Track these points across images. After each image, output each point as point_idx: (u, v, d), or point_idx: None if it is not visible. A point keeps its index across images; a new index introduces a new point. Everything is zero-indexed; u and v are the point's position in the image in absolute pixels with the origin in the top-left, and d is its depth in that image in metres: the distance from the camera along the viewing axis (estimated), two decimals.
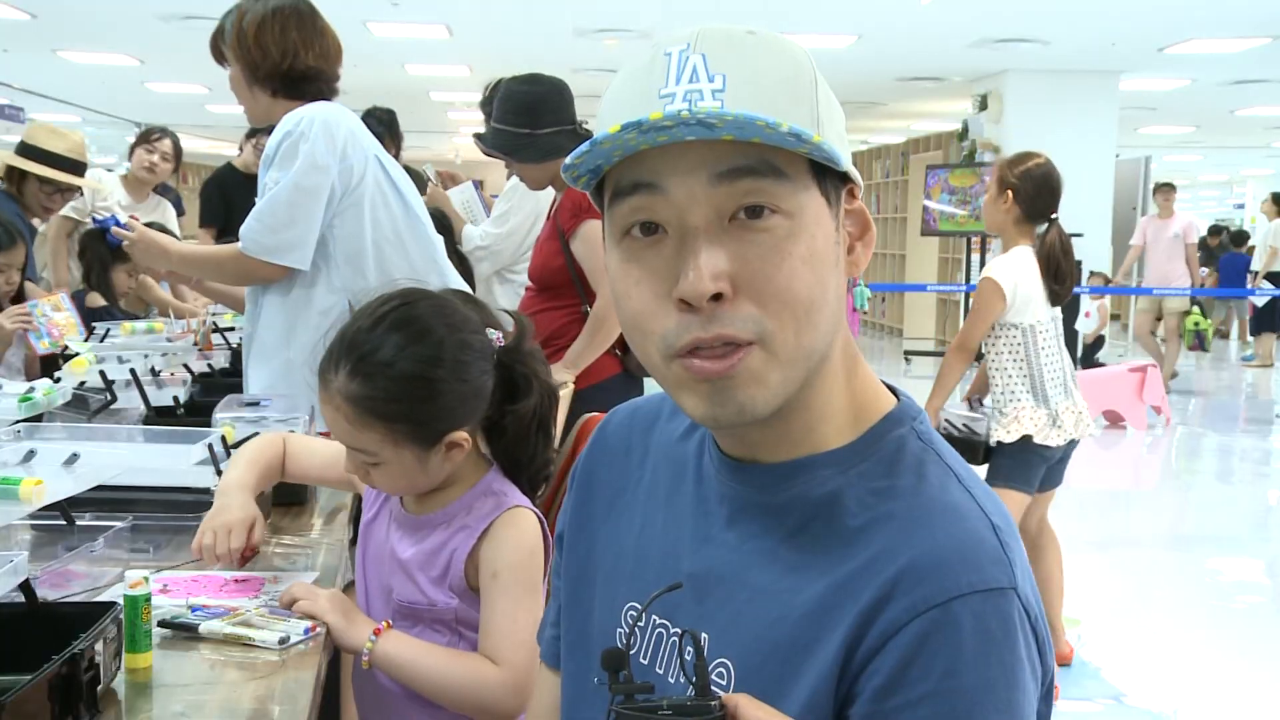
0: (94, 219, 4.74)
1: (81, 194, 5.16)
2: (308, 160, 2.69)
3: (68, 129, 4.76)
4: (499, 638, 1.58)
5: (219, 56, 2.88)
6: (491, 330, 1.67)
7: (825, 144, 0.86)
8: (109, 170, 7.05)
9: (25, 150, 4.50)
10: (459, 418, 1.62)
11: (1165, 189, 11.36)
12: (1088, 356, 11.16)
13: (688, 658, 0.83)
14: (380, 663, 1.58)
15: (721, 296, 0.87)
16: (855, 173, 0.94)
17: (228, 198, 5.61)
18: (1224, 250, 16.97)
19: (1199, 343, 12.00)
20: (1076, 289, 10.40)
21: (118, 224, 3.56)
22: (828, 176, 0.91)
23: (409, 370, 1.57)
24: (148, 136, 5.83)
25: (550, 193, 3.69)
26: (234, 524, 1.71)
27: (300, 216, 2.71)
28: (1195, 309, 11.45)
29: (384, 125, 5.25)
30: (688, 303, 0.87)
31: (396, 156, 5.35)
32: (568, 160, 0.90)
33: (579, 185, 0.94)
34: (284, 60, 2.77)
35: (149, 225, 5.11)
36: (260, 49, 2.77)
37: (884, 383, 1.02)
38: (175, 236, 5.17)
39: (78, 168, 4.57)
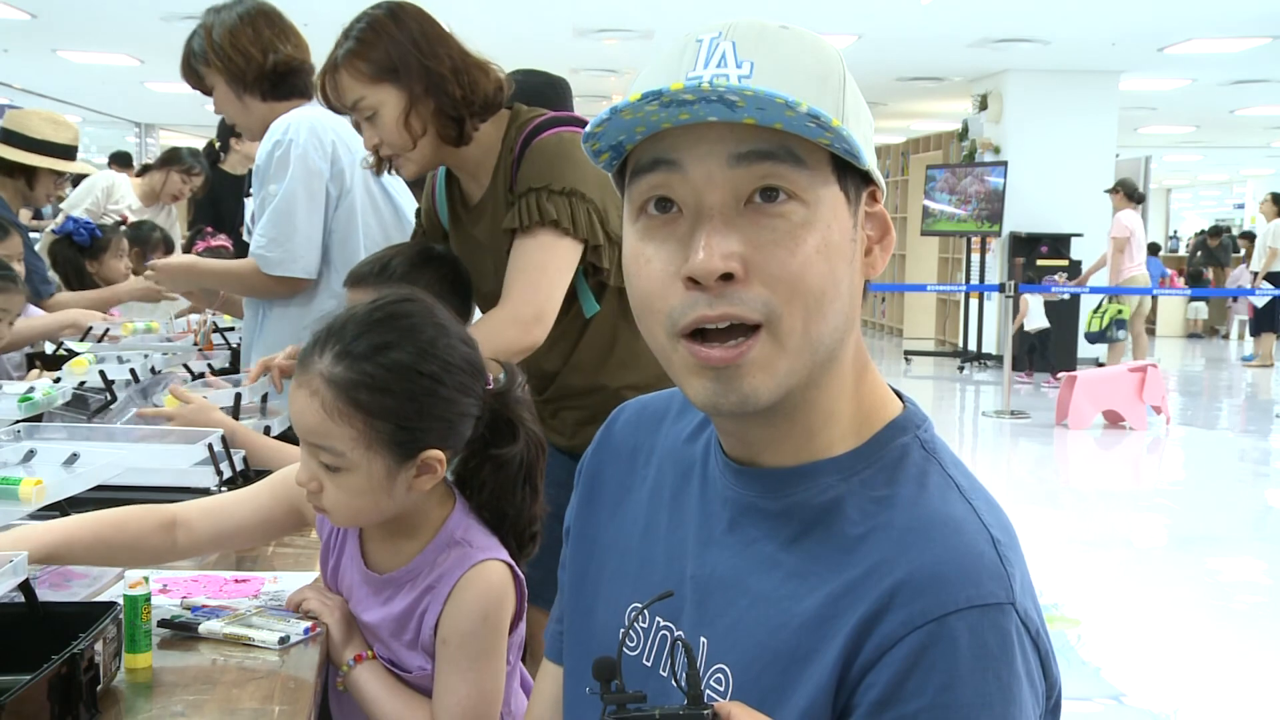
0: (53, 231, 4.70)
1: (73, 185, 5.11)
2: (300, 166, 2.68)
3: (62, 117, 4.68)
4: (440, 708, 1.53)
5: (196, 81, 2.83)
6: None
7: (844, 130, 0.86)
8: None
9: (29, 144, 4.42)
10: (441, 434, 1.50)
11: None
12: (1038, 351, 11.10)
13: (682, 665, 0.83)
14: (350, 688, 1.56)
15: (732, 277, 0.87)
16: (878, 174, 0.93)
17: (216, 201, 5.60)
18: (1224, 251, 16.97)
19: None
20: (1079, 289, 10.44)
21: (81, 221, 3.53)
22: (849, 174, 0.91)
23: (402, 360, 1.45)
24: (188, 169, 5.62)
25: None
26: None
27: (302, 224, 2.70)
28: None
29: None
30: (696, 281, 0.87)
31: None
32: (588, 128, 0.89)
33: (600, 163, 0.93)
34: (266, 58, 2.74)
35: (155, 227, 5.13)
36: (241, 54, 2.74)
37: (891, 388, 1.01)
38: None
39: (73, 152, 4.53)
